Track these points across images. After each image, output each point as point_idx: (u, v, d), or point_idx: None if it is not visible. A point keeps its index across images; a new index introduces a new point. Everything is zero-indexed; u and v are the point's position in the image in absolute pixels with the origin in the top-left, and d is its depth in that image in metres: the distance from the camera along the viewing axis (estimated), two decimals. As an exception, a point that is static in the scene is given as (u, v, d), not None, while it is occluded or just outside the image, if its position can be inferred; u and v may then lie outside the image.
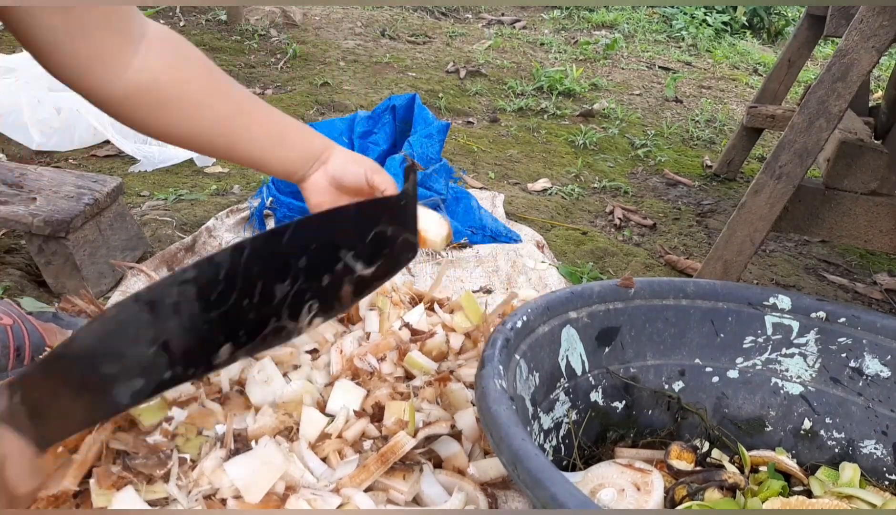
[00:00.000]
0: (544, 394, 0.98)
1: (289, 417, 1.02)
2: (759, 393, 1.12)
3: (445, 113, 2.94)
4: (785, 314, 1.10)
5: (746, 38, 5.10)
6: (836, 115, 1.38)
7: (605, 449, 1.08)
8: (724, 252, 1.51)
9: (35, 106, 2.14)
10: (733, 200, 2.45)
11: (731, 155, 2.63)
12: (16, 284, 1.45)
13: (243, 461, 0.92)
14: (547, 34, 4.47)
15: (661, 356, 1.10)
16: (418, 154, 1.79)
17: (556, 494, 0.67)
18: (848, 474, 1.04)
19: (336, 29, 3.92)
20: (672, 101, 3.50)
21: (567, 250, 1.91)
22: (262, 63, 3.21)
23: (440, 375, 1.13)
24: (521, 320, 0.95)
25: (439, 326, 1.28)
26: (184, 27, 3.51)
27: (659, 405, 1.10)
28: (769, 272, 2.00)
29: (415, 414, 1.03)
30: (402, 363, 1.17)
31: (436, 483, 0.98)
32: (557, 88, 3.33)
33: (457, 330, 1.27)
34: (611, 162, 2.65)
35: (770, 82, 2.57)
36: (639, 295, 1.08)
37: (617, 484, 0.94)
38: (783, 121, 2.41)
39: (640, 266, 1.88)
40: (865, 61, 1.34)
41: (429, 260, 1.70)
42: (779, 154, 1.44)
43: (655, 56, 4.30)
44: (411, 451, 0.98)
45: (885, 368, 1.06)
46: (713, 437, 1.11)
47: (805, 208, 1.53)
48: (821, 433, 1.10)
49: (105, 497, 0.86)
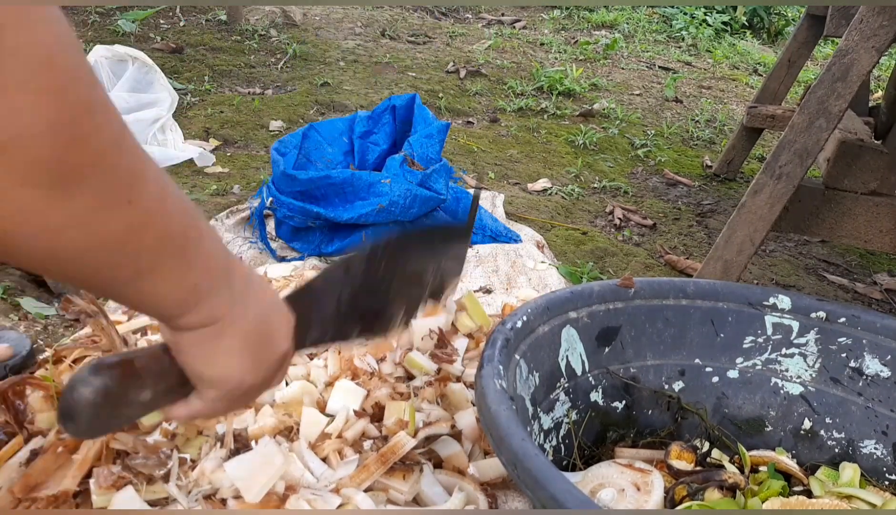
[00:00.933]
0: (544, 394, 0.98)
1: (289, 417, 1.02)
2: (759, 393, 1.12)
3: (445, 113, 2.94)
4: (785, 314, 1.10)
5: (746, 38, 5.10)
6: (836, 115, 1.38)
7: (605, 449, 1.07)
8: (724, 252, 1.51)
9: (35, 106, 2.14)
10: (733, 200, 2.45)
11: (731, 155, 2.63)
12: (16, 284, 1.45)
13: (243, 461, 0.92)
14: (547, 34, 4.47)
15: (661, 356, 1.10)
16: (418, 154, 1.79)
17: (556, 494, 0.67)
18: (848, 474, 1.04)
19: (336, 29, 3.93)
20: (672, 101, 3.50)
21: (567, 250, 1.91)
22: (262, 63, 3.21)
23: (441, 375, 1.13)
24: (521, 320, 0.95)
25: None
26: (184, 27, 3.51)
27: (659, 405, 1.10)
28: (769, 272, 2.00)
29: (415, 414, 1.03)
30: (401, 363, 1.17)
31: (436, 483, 0.98)
32: (557, 88, 3.33)
33: (461, 330, 1.27)
34: (611, 162, 2.65)
35: (770, 82, 2.57)
36: (639, 295, 1.08)
37: (617, 484, 0.94)
38: (783, 121, 2.41)
39: (640, 266, 1.88)
40: (865, 61, 1.34)
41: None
42: (779, 154, 1.44)
43: (655, 56, 4.30)
44: (411, 451, 0.98)
45: (885, 368, 1.06)
46: (713, 437, 1.11)
47: (805, 208, 1.53)
48: (821, 433, 1.10)
49: (105, 498, 0.86)
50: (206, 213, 1.85)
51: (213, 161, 2.21)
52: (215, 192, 2.01)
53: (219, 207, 1.90)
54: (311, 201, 1.70)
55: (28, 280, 1.48)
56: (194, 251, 0.53)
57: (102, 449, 0.92)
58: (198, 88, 2.82)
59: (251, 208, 1.82)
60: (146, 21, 3.47)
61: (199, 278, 0.54)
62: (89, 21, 3.34)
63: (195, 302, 0.55)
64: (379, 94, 3.01)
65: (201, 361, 0.59)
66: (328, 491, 0.93)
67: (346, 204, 1.70)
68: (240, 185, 2.07)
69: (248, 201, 1.90)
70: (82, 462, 0.89)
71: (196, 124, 2.48)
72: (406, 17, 4.36)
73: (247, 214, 1.82)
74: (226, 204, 1.92)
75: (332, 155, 1.93)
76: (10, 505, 0.86)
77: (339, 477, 0.96)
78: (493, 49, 3.96)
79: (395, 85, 3.17)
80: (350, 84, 3.09)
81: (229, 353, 0.59)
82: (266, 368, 0.64)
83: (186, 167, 2.15)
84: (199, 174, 2.13)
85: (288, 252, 1.73)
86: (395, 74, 3.32)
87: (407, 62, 3.50)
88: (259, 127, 2.54)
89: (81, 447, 0.91)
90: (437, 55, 3.71)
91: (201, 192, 2.00)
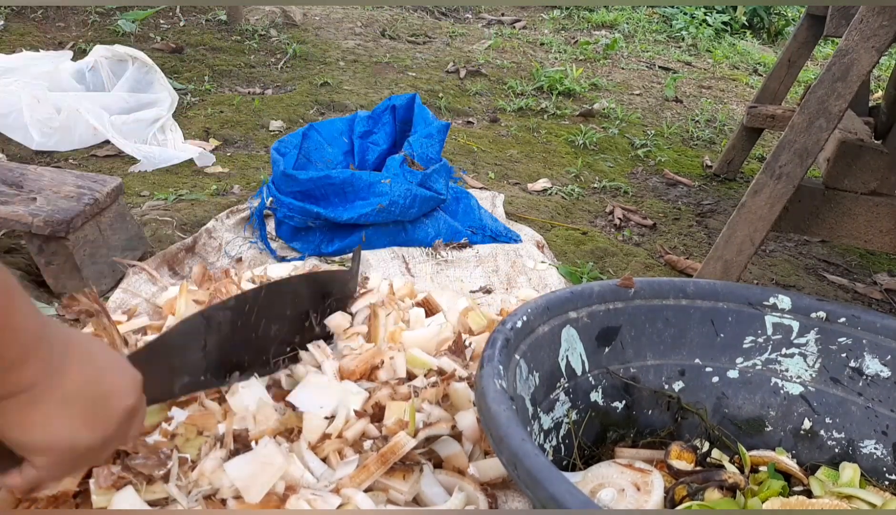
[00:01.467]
0: (544, 394, 0.98)
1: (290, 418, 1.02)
2: (759, 393, 1.12)
3: (445, 113, 2.94)
4: (785, 314, 1.10)
5: (746, 38, 5.10)
6: (836, 115, 1.38)
7: (605, 449, 1.07)
8: (724, 252, 1.51)
9: (35, 106, 2.14)
10: (733, 200, 2.45)
11: (731, 155, 2.63)
12: (16, 284, 1.45)
13: (243, 461, 0.92)
14: (547, 34, 4.46)
15: (661, 356, 1.10)
16: (418, 154, 1.79)
17: (556, 494, 0.67)
18: (848, 474, 1.04)
19: (336, 29, 3.92)
20: (672, 101, 3.50)
21: (567, 250, 1.91)
22: (262, 63, 3.21)
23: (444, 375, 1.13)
24: (521, 320, 0.95)
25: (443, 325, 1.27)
26: (184, 27, 3.51)
27: (659, 405, 1.10)
28: (769, 272, 2.00)
29: (415, 414, 1.03)
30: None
31: (436, 483, 0.98)
32: (557, 88, 3.33)
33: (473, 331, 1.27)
34: (611, 162, 2.65)
35: (770, 82, 2.57)
36: (639, 295, 1.08)
37: (617, 484, 0.94)
38: (783, 121, 2.41)
39: (640, 266, 1.88)
40: (865, 61, 1.34)
41: (428, 260, 1.70)
42: (779, 154, 1.44)
43: (655, 56, 4.30)
44: (411, 451, 0.98)
45: (885, 368, 1.06)
46: (713, 437, 1.11)
47: (805, 208, 1.53)
48: (821, 433, 1.10)
49: (105, 498, 0.86)
50: (206, 213, 1.85)
51: (213, 161, 2.21)
52: (215, 192, 2.01)
53: (219, 207, 1.90)
54: (311, 201, 1.70)
55: (28, 280, 1.48)
56: (1, 326, 0.55)
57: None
58: (198, 87, 2.82)
59: (251, 208, 1.82)
60: (146, 21, 3.47)
61: (7, 351, 0.56)
62: (89, 21, 3.34)
63: (3, 373, 0.57)
64: (379, 94, 3.01)
65: (18, 429, 0.61)
66: (328, 491, 0.93)
67: (346, 204, 1.70)
68: (240, 185, 2.07)
69: (248, 201, 1.90)
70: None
71: (196, 124, 2.48)
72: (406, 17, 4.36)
73: (247, 214, 1.82)
74: (226, 204, 1.92)
75: (332, 155, 1.93)
76: (11, 505, 0.86)
77: (339, 477, 0.95)
78: (493, 49, 3.96)
79: (395, 85, 3.17)
80: (350, 84, 3.09)
81: (47, 419, 0.61)
82: (106, 426, 0.65)
83: (186, 167, 2.15)
84: (199, 174, 2.13)
85: (288, 252, 1.73)
86: (395, 74, 3.32)
87: (407, 62, 3.50)
88: (259, 127, 2.54)
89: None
90: (437, 55, 3.71)
91: (201, 192, 2.00)
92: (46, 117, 2.15)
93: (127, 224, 1.58)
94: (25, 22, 3.19)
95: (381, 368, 1.14)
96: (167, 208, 1.87)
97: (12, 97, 2.13)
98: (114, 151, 2.17)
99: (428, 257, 1.71)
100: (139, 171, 2.09)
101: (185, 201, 1.93)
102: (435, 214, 1.80)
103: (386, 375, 1.13)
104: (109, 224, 1.53)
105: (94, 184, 1.53)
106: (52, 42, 3.04)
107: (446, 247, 1.73)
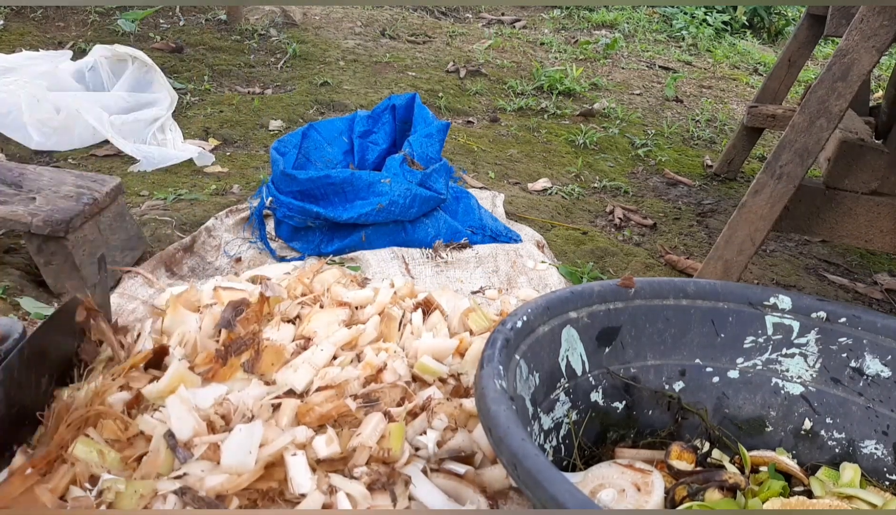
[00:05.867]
0: (544, 394, 0.98)
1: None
2: (760, 393, 1.11)
3: (445, 113, 2.94)
4: (785, 314, 1.10)
5: (746, 38, 5.10)
6: (837, 114, 1.38)
7: (605, 450, 1.07)
8: (724, 252, 1.51)
9: (34, 105, 2.14)
10: (733, 200, 2.45)
11: (731, 155, 2.63)
12: (15, 284, 1.45)
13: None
14: (547, 34, 4.46)
15: (661, 356, 1.10)
16: (418, 154, 1.78)
17: (556, 494, 0.67)
18: (848, 474, 1.04)
19: (336, 29, 3.92)
20: (672, 100, 3.50)
21: (567, 250, 1.91)
22: (262, 63, 3.21)
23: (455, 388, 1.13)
24: (521, 320, 0.94)
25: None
26: (183, 27, 3.51)
27: (659, 405, 1.10)
28: (769, 272, 1.99)
29: (402, 436, 0.99)
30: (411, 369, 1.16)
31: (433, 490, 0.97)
32: (557, 88, 3.33)
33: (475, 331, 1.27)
34: (611, 162, 2.65)
35: (770, 82, 2.56)
36: (639, 295, 1.08)
37: (617, 485, 0.94)
38: (784, 121, 2.41)
39: (641, 266, 1.88)
40: (866, 61, 1.34)
41: (428, 261, 1.70)
42: (779, 154, 1.44)
43: (655, 56, 4.29)
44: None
45: (886, 368, 1.06)
46: (713, 437, 1.10)
47: (805, 208, 1.53)
48: (821, 434, 1.09)
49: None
50: (206, 213, 1.85)
51: (212, 161, 2.20)
52: (215, 191, 2.01)
53: (218, 206, 1.90)
54: (311, 201, 1.70)
55: (28, 280, 1.48)
56: None
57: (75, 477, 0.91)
58: (197, 87, 2.81)
59: (251, 207, 1.82)
60: (146, 21, 3.46)
61: None
62: (89, 21, 3.33)
63: None
64: (379, 93, 3.01)
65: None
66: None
67: (346, 204, 1.70)
68: (239, 184, 2.07)
69: (248, 201, 1.89)
70: (53, 489, 0.88)
71: (195, 124, 2.48)
72: (406, 17, 4.35)
73: (246, 213, 1.82)
74: (225, 204, 1.92)
75: (332, 155, 1.93)
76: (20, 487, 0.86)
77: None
78: (493, 49, 3.95)
79: (394, 84, 3.17)
80: (350, 84, 3.09)
81: None
82: None
83: (186, 167, 2.15)
84: (198, 174, 2.12)
85: (288, 252, 1.73)
86: (394, 74, 3.32)
87: (407, 62, 3.50)
88: (259, 127, 2.54)
89: (54, 474, 0.90)
90: (437, 55, 3.71)
91: (201, 191, 2.00)
92: (46, 117, 2.14)
93: (126, 224, 1.58)
94: (25, 22, 3.19)
95: (384, 371, 1.14)
96: (166, 208, 1.87)
97: (12, 97, 2.13)
98: (113, 150, 2.17)
99: (428, 258, 1.71)
100: (138, 170, 2.09)
101: (184, 200, 1.93)
102: (435, 213, 1.79)
103: (391, 377, 1.13)
104: (109, 224, 1.52)
105: (93, 184, 1.52)
106: (52, 42, 3.04)
107: (446, 248, 1.73)
